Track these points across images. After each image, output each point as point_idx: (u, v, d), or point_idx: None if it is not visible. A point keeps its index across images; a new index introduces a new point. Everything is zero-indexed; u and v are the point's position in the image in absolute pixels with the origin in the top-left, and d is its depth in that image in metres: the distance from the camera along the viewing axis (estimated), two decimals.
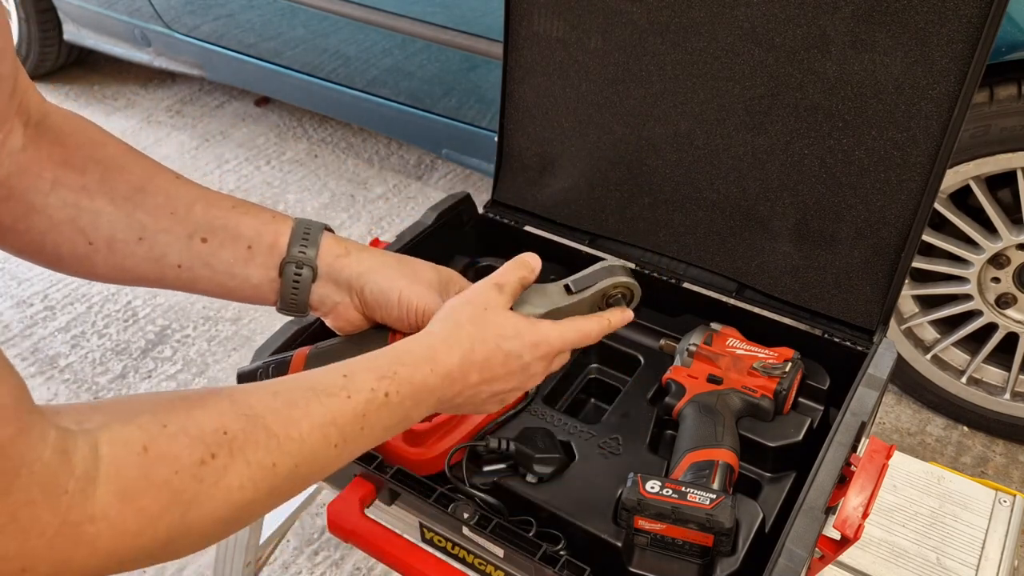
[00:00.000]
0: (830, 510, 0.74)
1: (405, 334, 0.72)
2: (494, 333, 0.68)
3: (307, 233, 0.73)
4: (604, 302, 0.76)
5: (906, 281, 0.95)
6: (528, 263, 0.74)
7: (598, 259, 0.78)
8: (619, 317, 0.76)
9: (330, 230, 0.76)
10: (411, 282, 0.74)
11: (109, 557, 0.45)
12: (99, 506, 0.44)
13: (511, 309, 0.71)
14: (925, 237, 1.48)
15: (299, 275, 0.72)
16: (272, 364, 0.79)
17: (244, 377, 0.80)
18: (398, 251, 1.00)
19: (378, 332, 0.76)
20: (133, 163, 0.70)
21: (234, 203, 0.72)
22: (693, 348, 0.93)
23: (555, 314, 0.74)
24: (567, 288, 0.75)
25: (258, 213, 0.73)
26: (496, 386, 0.69)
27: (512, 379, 0.69)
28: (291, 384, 0.58)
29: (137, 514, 0.45)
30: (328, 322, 0.78)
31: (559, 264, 1.09)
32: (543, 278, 0.75)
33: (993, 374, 1.79)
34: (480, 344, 0.67)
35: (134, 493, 0.45)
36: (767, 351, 0.92)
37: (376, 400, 0.60)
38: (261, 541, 1.24)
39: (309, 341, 0.92)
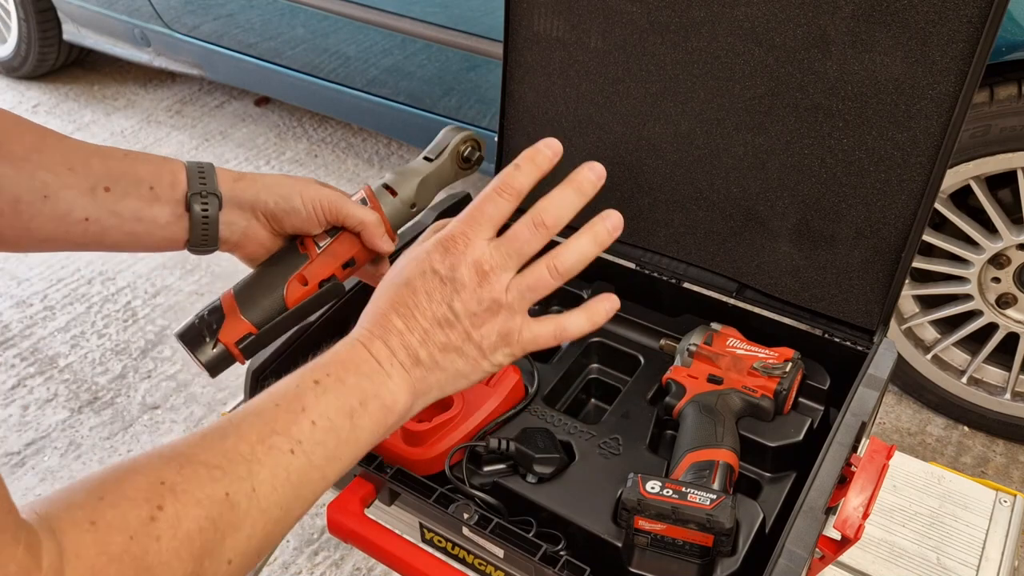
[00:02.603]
0: (830, 510, 0.74)
1: (315, 238, 0.78)
2: (392, 270, 0.63)
3: (201, 169, 0.76)
4: (461, 159, 0.87)
5: (906, 281, 0.94)
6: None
7: (598, 259, 0.79)
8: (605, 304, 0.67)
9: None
10: (307, 184, 0.78)
11: None
12: None
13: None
14: (925, 237, 1.48)
15: (206, 206, 0.74)
16: (204, 312, 0.78)
17: (183, 336, 0.77)
18: (398, 251, 1.00)
19: (290, 244, 0.80)
20: (24, 128, 0.71)
21: (125, 152, 0.75)
22: (693, 348, 0.93)
23: (426, 182, 0.83)
24: (426, 158, 0.85)
25: (150, 158, 0.76)
26: (428, 310, 0.60)
27: (436, 296, 0.60)
28: (227, 418, 0.56)
29: None
30: (239, 255, 0.81)
31: None
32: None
33: (993, 374, 1.79)
34: (381, 291, 0.62)
35: (99, 570, 0.45)
36: (767, 351, 0.91)
37: (307, 389, 0.56)
38: None
39: (305, 334, 0.92)
